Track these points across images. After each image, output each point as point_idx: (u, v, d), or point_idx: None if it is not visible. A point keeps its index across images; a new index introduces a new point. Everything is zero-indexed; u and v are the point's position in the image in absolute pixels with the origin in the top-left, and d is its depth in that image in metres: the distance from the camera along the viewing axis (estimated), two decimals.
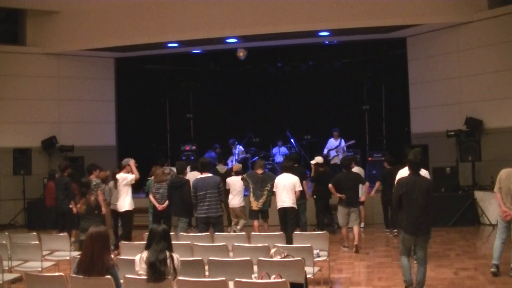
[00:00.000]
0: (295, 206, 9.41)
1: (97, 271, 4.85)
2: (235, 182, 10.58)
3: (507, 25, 12.25)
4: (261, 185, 9.90)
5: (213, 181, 8.88)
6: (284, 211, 9.36)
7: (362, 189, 10.49)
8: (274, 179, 9.76)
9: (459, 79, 13.29)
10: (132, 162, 10.12)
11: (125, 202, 10.01)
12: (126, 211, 10.05)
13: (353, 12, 13.04)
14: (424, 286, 6.64)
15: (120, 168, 10.64)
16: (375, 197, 11.46)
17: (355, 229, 9.74)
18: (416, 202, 6.46)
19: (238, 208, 10.58)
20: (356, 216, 9.78)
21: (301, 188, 9.52)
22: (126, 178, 10.02)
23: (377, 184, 11.17)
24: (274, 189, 9.55)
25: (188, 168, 11.69)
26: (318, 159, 11.39)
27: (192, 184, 9.07)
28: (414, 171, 6.67)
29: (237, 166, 11.40)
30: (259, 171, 10.09)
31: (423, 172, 8.37)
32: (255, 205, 9.92)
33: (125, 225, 10.22)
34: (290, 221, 9.39)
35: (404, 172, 7.37)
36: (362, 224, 11.87)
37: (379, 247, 9.98)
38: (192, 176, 10.59)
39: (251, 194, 9.99)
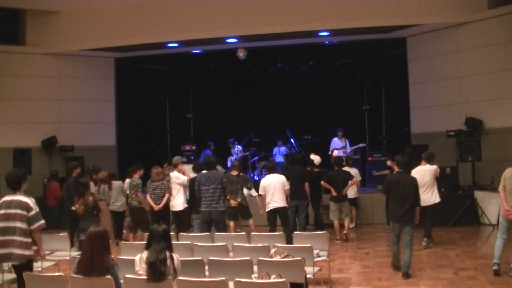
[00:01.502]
0: (286, 205, 9.52)
1: (97, 271, 4.85)
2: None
3: (507, 25, 12.24)
4: (235, 186, 9.87)
5: (217, 176, 8.90)
6: (275, 211, 9.44)
7: (354, 186, 11.01)
8: (248, 182, 10.21)
9: (459, 79, 13.29)
10: (180, 164, 10.35)
11: (178, 201, 10.14)
12: (181, 210, 10.18)
13: (353, 12, 13.04)
14: (409, 267, 7.72)
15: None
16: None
17: (346, 222, 10.66)
18: (401, 196, 7.71)
19: None
20: (348, 211, 10.73)
21: (288, 187, 9.58)
22: (179, 177, 10.16)
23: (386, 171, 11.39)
24: (262, 192, 9.56)
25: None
26: (316, 159, 11.48)
27: (196, 179, 9.09)
28: (401, 169, 7.99)
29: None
30: (234, 173, 10.17)
31: (433, 167, 9.60)
32: (234, 202, 9.91)
33: (179, 224, 10.35)
34: (284, 221, 9.48)
35: (415, 172, 9.08)
36: (353, 224, 11.81)
37: (379, 247, 9.97)
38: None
39: (228, 194, 9.90)
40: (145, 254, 5.13)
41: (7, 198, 6.02)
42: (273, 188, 9.38)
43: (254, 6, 13.53)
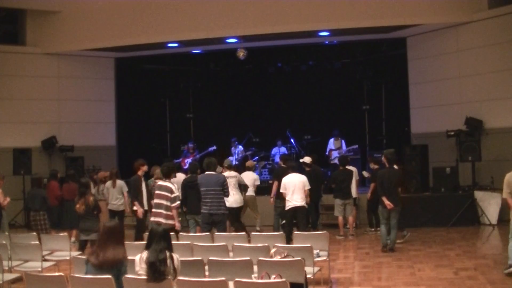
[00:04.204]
0: (305, 205, 9.51)
1: (109, 263, 4.97)
2: (247, 176, 11.42)
3: (507, 25, 12.25)
4: None
5: (218, 178, 8.85)
6: (294, 210, 9.44)
7: (354, 185, 11.33)
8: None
9: (459, 79, 13.29)
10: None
11: (233, 198, 10.26)
12: (237, 208, 10.43)
13: (353, 12, 13.04)
14: (395, 243, 9.41)
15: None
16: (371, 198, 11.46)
17: (350, 219, 11.10)
18: (388, 186, 9.24)
19: (247, 197, 11.20)
20: (351, 207, 11.11)
21: (309, 187, 9.62)
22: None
23: (372, 185, 11.29)
24: (283, 190, 9.59)
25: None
26: (306, 159, 11.58)
27: (197, 180, 9.05)
28: (389, 164, 9.49)
29: (250, 162, 12.43)
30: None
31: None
32: None
33: (233, 222, 10.43)
34: (301, 220, 9.50)
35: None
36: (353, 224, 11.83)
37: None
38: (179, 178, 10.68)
39: None
40: (145, 254, 5.13)
41: (160, 182, 8.45)
42: (293, 187, 9.42)
43: (254, 6, 13.53)
